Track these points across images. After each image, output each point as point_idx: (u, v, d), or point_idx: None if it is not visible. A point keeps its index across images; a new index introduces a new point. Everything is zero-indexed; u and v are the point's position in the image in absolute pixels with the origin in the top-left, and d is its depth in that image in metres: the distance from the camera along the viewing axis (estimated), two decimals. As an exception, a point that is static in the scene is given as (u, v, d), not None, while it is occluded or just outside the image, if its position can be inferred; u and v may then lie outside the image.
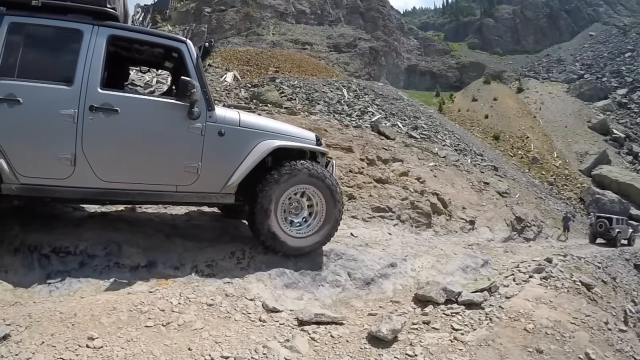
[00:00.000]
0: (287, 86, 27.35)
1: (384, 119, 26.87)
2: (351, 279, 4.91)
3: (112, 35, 4.08)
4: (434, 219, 10.45)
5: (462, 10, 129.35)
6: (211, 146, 4.28)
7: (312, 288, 4.53)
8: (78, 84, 3.85)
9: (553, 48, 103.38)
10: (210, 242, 4.89)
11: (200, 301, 3.79)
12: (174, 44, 4.37)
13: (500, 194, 18.25)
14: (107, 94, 3.97)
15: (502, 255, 7.58)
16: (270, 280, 4.38)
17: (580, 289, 5.53)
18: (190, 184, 4.28)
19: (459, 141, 31.52)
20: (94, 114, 3.87)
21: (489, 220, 14.11)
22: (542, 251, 9.38)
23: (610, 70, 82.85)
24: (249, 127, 4.52)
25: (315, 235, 4.83)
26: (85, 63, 3.90)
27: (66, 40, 3.96)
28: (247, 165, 4.42)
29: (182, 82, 4.06)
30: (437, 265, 5.78)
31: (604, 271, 11.18)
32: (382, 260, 5.44)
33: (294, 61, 52.81)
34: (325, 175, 4.76)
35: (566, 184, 47.49)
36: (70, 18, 3.95)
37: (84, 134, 3.84)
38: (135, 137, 4.09)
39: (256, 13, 78.06)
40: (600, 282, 8.76)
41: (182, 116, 4.18)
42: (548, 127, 61.94)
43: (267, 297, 4.09)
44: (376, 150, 12.06)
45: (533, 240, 17.29)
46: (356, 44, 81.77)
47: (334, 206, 4.84)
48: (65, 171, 3.84)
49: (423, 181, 12.18)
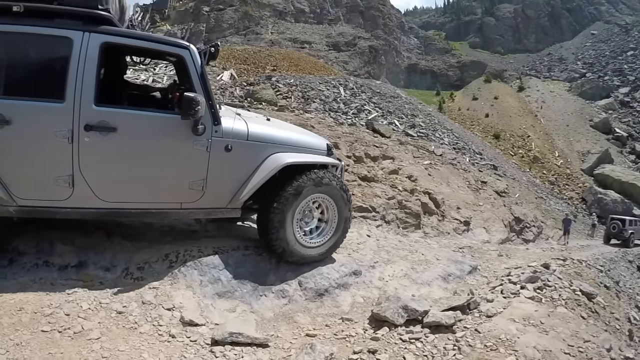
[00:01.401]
0: (283, 84, 27.01)
1: (381, 117, 26.42)
2: (301, 289, 4.31)
3: (106, 43, 3.66)
4: (425, 219, 9.79)
5: (463, 9, 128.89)
6: (217, 162, 4.00)
7: (250, 298, 4.03)
8: (70, 100, 3.50)
9: (555, 47, 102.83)
10: (151, 242, 4.49)
11: (112, 307, 3.49)
12: (175, 50, 3.96)
13: (498, 194, 17.59)
14: (103, 111, 3.62)
15: (494, 260, 6.88)
16: (200, 287, 3.91)
17: (580, 300, 4.86)
18: (196, 201, 4.04)
19: (458, 140, 30.82)
20: (90, 133, 3.55)
21: (486, 221, 13.47)
22: (540, 254, 8.68)
23: (612, 69, 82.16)
24: (258, 140, 4.23)
25: (327, 243, 4.67)
26: (77, 76, 3.52)
27: (54, 50, 3.58)
28: (256, 182, 4.16)
29: (185, 99, 3.65)
30: (412, 273, 5.08)
31: (606, 275, 10.56)
32: (344, 268, 4.76)
33: (292, 60, 52.02)
34: (337, 184, 4.58)
35: (568, 184, 46.66)
36: (58, 24, 3.52)
37: (80, 155, 3.57)
38: (136, 156, 3.82)
39: (255, 12, 77.72)
40: (603, 288, 8.12)
41: (186, 132, 3.84)
42: (549, 126, 61.16)
43: (191, 307, 3.65)
44: (365, 148, 11.41)
45: (532, 241, 16.65)
46: (356, 43, 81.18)
47: (344, 213, 4.71)
48: (64, 193, 3.61)
49: (415, 179, 11.53)
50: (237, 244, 4.63)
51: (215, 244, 4.50)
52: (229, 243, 4.61)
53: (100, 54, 3.60)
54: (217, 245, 4.49)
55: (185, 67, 3.92)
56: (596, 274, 9.18)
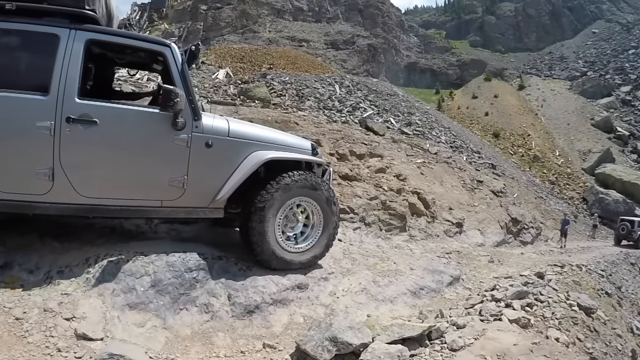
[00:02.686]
0: (278, 82, 26.75)
1: (377, 115, 25.91)
2: (230, 304, 3.78)
3: (91, 40, 3.79)
4: (412, 221, 9.10)
5: (464, 8, 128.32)
6: (198, 158, 4.01)
7: (166, 312, 3.59)
8: (54, 93, 3.59)
9: (555, 46, 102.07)
10: (82, 243, 4.20)
11: (12, 313, 3.26)
12: (157, 48, 4.03)
13: (494, 193, 16.90)
14: (85, 104, 3.70)
15: (483, 267, 6.20)
16: (111, 296, 3.56)
17: (577, 318, 4.18)
18: (176, 199, 4.02)
19: (456, 138, 30.11)
20: (72, 125, 3.61)
21: (480, 222, 12.79)
22: (536, 260, 8.00)
23: (613, 68, 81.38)
24: (238, 137, 4.25)
25: (313, 249, 4.58)
26: (62, 71, 3.63)
27: (42, 46, 3.68)
28: (237, 179, 4.15)
29: (164, 90, 3.77)
30: (372, 287, 4.39)
31: (607, 280, 9.93)
32: (286, 280, 4.15)
33: (289, 58, 51.62)
34: (322, 186, 4.52)
35: (568, 183, 45.87)
36: (46, 22, 3.66)
37: (61, 148, 3.61)
38: (116, 149, 3.84)
39: (252, 10, 77.42)
40: (604, 296, 7.48)
41: (166, 127, 3.88)
42: (550, 125, 60.37)
43: (94, 318, 3.31)
44: (350, 145, 10.72)
45: (531, 243, 15.97)
46: (354, 41, 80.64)
47: (331, 218, 4.60)
48: (44, 186, 3.62)
49: (404, 178, 10.85)
50: (167, 248, 4.09)
51: (141, 248, 4.01)
52: (158, 247, 4.09)
53: (85, 50, 3.70)
54: (143, 249, 3.99)
55: (166, 64, 3.96)
56: (597, 280, 8.55)
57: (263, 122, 10.11)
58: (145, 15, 5.08)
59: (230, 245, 4.65)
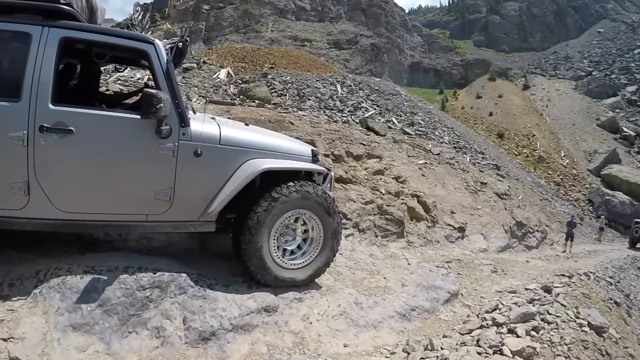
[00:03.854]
0: (279, 82, 26.40)
1: (378, 115, 25.53)
2: (185, 328, 3.33)
3: (66, 38, 3.41)
4: (411, 226, 8.65)
5: (468, 7, 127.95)
6: (186, 168, 3.65)
7: (112, 335, 3.20)
8: (26, 99, 3.24)
9: (560, 45, 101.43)
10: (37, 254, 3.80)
11: None
12: (138, 45, 3.63)
13: (499, 196, 16.40)
14: (60, 111, 3.33)
15: (485, 279, 5.75)
16: (55, 315, 3.19)
17: (588, 341, 3.74)
18: (163, 213, 3.67)
19: (459, 138, 29.63)
20: (45, 135, 3.28)
21: (484, 227, 12.31)
22: (542, 268, 7.54)
23: (619, 67, 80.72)
24: (231, 145, 3.85)
25: (312, 264, 4.23)
26: (34, 73, 3.27)
27: (11, 45, 3.35)
28: (229, 190, 3.76)
29: (145, 95, 3.33)
30: (354, 310, 3.91)
31: (616, 287, 9.48)
32: (252, 301, 3.69)
33: (291, 58, 51.23)
34: (323, 198, 4.14)
35: (574, 185, 45.25)
36: (16, 19, 3.31)
37: (35, 159, 3.29)
38: (95, 160, 3.48)
39: (255, 10, 77.29)
40: (614, 307, 7.04)
41: (150, 134, 3.51)
42: (555, 125, 59.77)
43: (33, 340, 2.97)
44: (347, 145, 10.27)
45: (536, 247, 15.47)
46: (357, 41, 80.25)
47: (331, 232, 4.26)
48: (19, 201, 3.33)
49: (403, 180, 10.41)
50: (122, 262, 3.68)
51: (95, 261, 3.61)
52: (113, 261, 3.67)
53: (60, 49, 3.35)
54: (96, 262, 3.59)
55: (150, 63, 3.60)
56: (606, 288, 8.10)
57: (256, 121, 9.70)
58: (148, 16, 4.57)
59: (197, 259, 4.24)
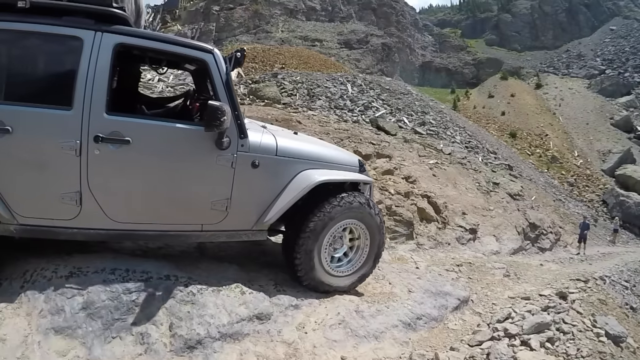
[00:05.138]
0: (289, 82, 26.18)
1: (389, 114, 25.32)
2: (170, 335, 3.18)
3: (121, 44, 3.33)
4: (421, 227, 8.46)
5: (479, 6, 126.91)
6: (243, 180, 3.67)
7: (95, 340, 3.07)
8: (79, 108, 3.16)
9: (573, 43, 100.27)
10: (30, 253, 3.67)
11: None
12: (198, 54, 3.58)
13: (511, 196, 16.14)
14: (116, 121, 3.28)
15: (498, 284, 5.55)
16: (38, 317, 3.11)
17: (606, 352, 3.54)
18: (218, 222, 3.69)
19: (471, 138, 29.29)
20: (101, 145, 3.22)
21: (496, 228, 12.08)
22: (557, 272, 7.31)
23: (632, 65, 79.74)
24: (287, 156, 3.88)
25: (357, 272, 4.33)
26: (87, 81, 3.17)
27: (62, 50, 3.25)
28: (285, 202, 3.80)
29: (210, 108, 3.27)
30: (354, 319, 3.70)
31: (632, 292, 9.23)
32: (244, 308, 3.52)
33: (301, 57, 51.21)
34: (373, 209, 4.24)
35: (588, 185, 44.59)
36: (67, 22, 3.18)
37: (89, 170, 3.24)
38: (152, 172, 3.47)
39: (265, 10, 77.31)
40: (630, 312, 6.81)
41: (209, 146, 3.49)
42: (568, 125, 59.04)
43: (14, 342, 2.89)
44: (356, 145, 10.12)
45: (549, 250, 15.17)
46: (368, 40, 79.90)
47: (377, 240, 4.33)
48: (71, 211, 3.28)
49: (414, 181, 10.22)
50: (110, 264, 3.56)
51: (82, 262, 3.50)
52: (101, 262, 3.56)
53: (114, 56, 3.27)
54: (83, 264, 3.48)
55: (208, 73, 3.55)
56: (622, 292, 7.86)
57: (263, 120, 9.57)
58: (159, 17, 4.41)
59: (192, 262, 4.11)
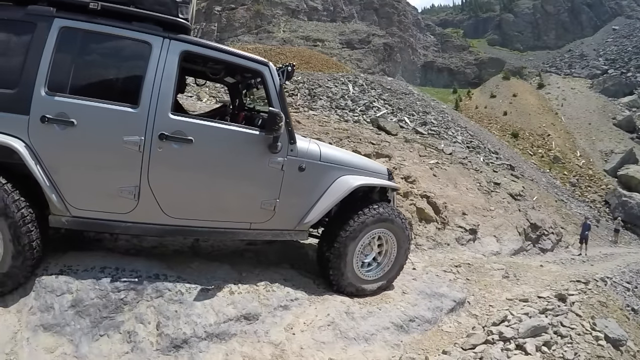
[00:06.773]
0: (290, 82, 26.05)
1: (391, 114, 25.35)
2: (158, 334, 3.19)
3: (186, 52, 3.57)
4: (420, 228, 8.40)
5: (481, 6, 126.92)
6: (290, 182, 3.96)
7: (83, 338, 3.10)
8: (145, 106, 3.37)
9: (575, 43, 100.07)
10: None
11: None
12: (255, 66, 3.87)
13: (512, 197, 16.04)
14: (180, 121, 3.51)
15: (496, 286, 5.49)
16: (28, 314, 3.15)
17: (605, 356, 3.48)
18: (265, 222, 3.96)
19: (472, 138, 29.21)
20: (164, 143, 3.41)
21: (497, 228, 11.99)
22: (557, 274, 7.24)
23: (635, 65, 79.39)
24: (329, 162, 4.22)
25: (385, 276, 4.56)
26: (155, 82, 3.40)
27: (131, 53, 3.47)
28: (326, 204, 4.12)
29: (271, 114, 3.60)
30: (344, 320, 3.66)
31: (633, 293, 9.16)
32: (232, 308, 3.51)
33: (303, 57, 51.31)
34: (402, 218, 4.54)
35: (590, 185, 44.44)
36: (136, 27, 3.40)
37: (150, 165, 3.41)
38: (210, 170, 3.66)
39: (267, 10, 77.31)
40: (632, 314, 6.74)
41: (263, 149, 3.79)
42: (570, 125, 58.86)
43: (4, 338, 2.95)
44: (355, 145, 10.06)
45: (551, 250, 15.07)
46: (370, 40, 79.86)
47: (404, 246, 4.60)
48: (127, 205, 3.43)
49: (413, 180, 10.16)
50: (100, 262, 3.55)
51: (73, 260, 3.52)
52: (91, 260, 3.56)
53: (180, 62, 3.50)
54: (74, 262, 3.50)
55: (264, 83, 3.84)
56: (623, 294, 7.77)
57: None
58: None
59: (184, 261, 4.09)
